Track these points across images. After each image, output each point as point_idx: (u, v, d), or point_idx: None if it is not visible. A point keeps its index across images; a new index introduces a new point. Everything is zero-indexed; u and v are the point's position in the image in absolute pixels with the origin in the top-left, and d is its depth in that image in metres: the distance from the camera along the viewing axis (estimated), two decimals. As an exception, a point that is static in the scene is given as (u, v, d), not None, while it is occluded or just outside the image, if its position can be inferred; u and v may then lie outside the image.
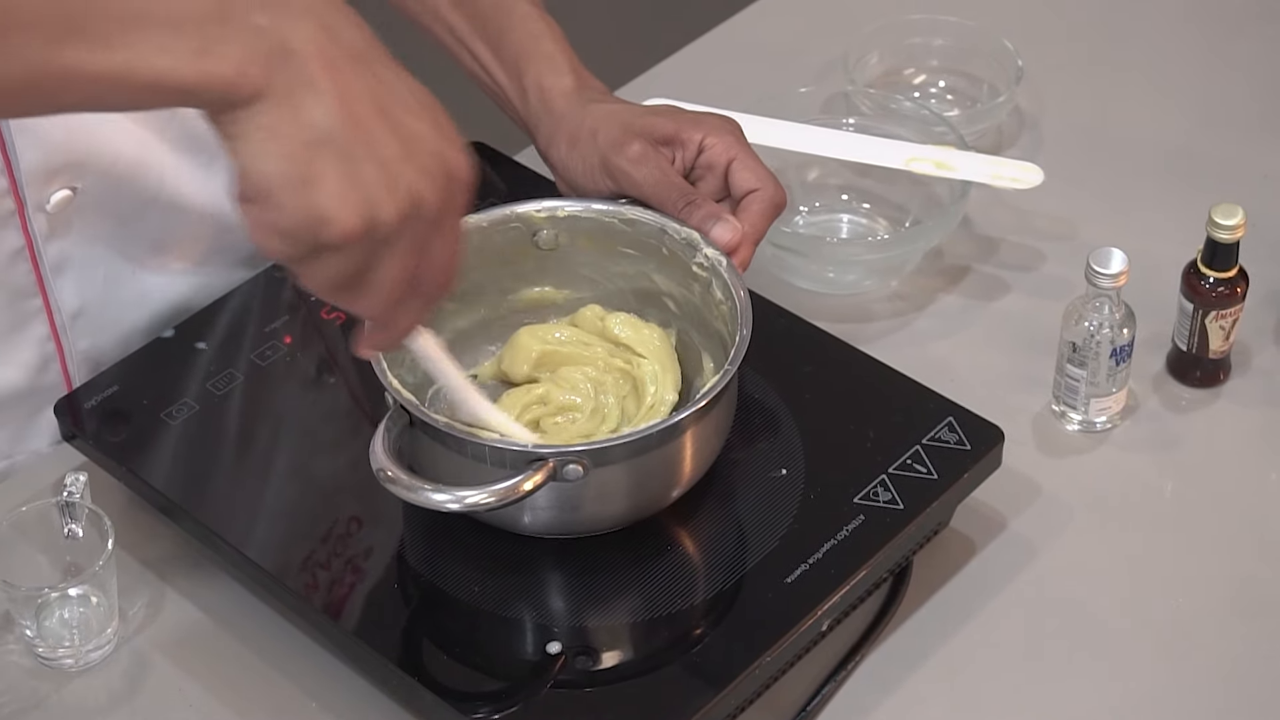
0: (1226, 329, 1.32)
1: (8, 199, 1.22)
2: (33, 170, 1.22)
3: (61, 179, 1.24)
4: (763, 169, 1.22)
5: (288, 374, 1.27)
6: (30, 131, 1.20)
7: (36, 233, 1.25)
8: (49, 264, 1.27)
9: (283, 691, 1.16)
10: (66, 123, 1.21)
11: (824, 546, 1.14)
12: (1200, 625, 1.20)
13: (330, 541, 1.16)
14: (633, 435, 1.09)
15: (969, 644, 1.19)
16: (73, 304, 1.30)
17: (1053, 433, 1.32)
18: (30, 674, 1.17)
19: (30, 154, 1.21)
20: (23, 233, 1.24)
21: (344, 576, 1.15)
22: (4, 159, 1.21)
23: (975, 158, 1.41)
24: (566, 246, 1.23)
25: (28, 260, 1.26)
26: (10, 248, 1.25)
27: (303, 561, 1.15)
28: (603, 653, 1.11)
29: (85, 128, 1.23)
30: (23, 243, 1.25)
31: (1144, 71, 1.64)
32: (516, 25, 1.30)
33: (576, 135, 1.25)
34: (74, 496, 1.18)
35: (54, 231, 1.26)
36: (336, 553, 1.16)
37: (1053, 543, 1.25)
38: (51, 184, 1.24)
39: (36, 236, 1.25)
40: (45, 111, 0.93)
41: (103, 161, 1.25)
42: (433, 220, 0.93)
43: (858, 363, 1.26)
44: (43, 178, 1.23)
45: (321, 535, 1.17)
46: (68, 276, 1.28)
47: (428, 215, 0.92)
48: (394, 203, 0.91)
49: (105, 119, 1.24)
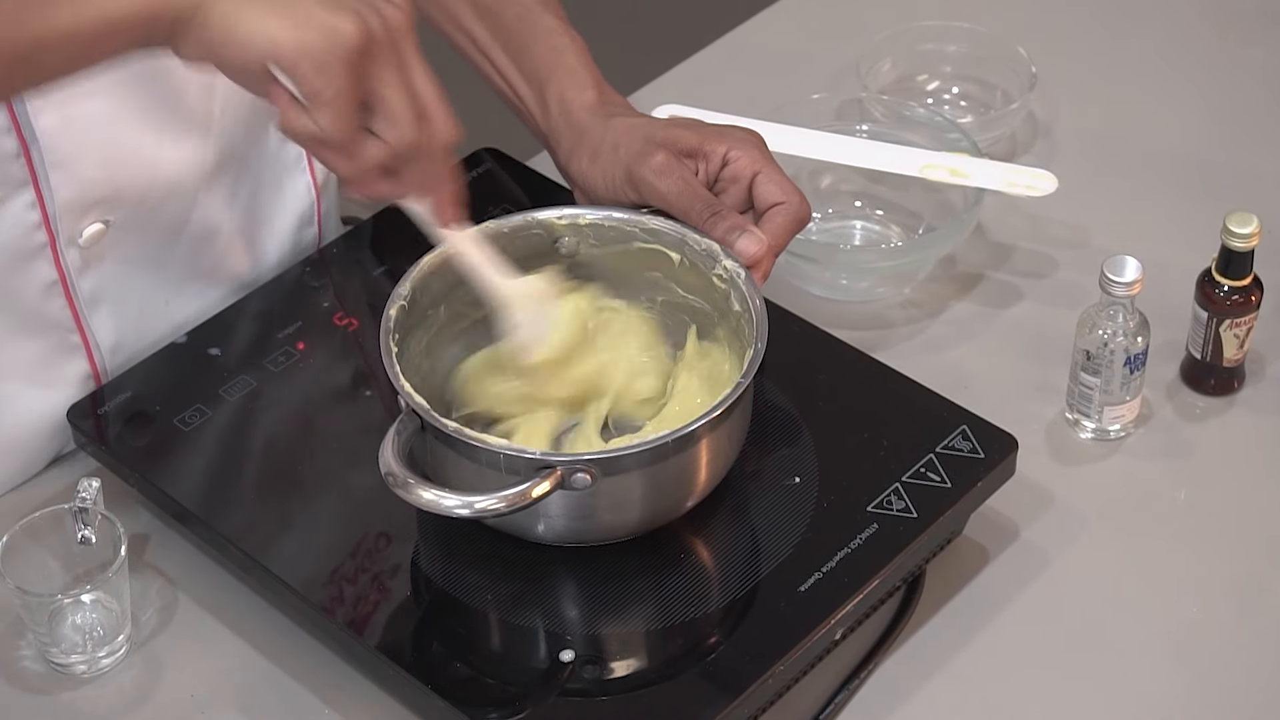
0: (1241, 337, 1.32)
1: (39, 232, 1.22)
2: (67, 204, 1.22)
3: (95, 213, 1.24)
4: (788, 183, 1.22)
5: (301, 380, 1.27)
6: (65, 166, 1.20)
7: (69, 266, 1.25)
8: (83, 298, 1.27)
9: (295, 698, 1.16)
10: (102, 157, 1.22)
11: (837, 555, 1.14)
12: (1213, 633, 1.20)
13: (344, 548, 1.16)
14: (645, 444, 1.09)
15: (982, 652, 1.19)
16: (110, 338, 1.30)
17: (1066, 441, 1.32)
18: (43, 679, 1.18)
19: (65, 190, 1.21)
20: (55, 266, 1.24)
21: (357, 583, 1.15)
22: (36, 193, 1.21)
23: (989, 165, 1.41)
24: (587, 254, 1.23)
25: (62, 295, 1.26)
26: (43, 281, 1.24)
27: (315, 568, 1.15)
28: (616, 661, 1.11)
29: (120, 160, 1.23)
30: (55, 277, 1.25)
31: (1158, 78, 1.63)
32: (540, 38, 1.30)
33: (598, 149, 1.25)
34: (86, 502, 1.18)
35: (87, 265, 1.26)
36: (350, 559, 1.16)
37: (1066, 551, 1.24)
38: (85, 218, 1.23)
39: (69, 270, 1.25)
40: (40, 81, 1.05)
41: (135, 194, 1.25)
42: (405, 34, 1.04)
43: (871, 370, 1.26)
44: (77, 212, 1.23)
45: (335, 541, 1.17)
46: (103, 310, 1.28)
47: (398, 27, 1.04)
48: (371, 13, 1.02)
49: (139, 151, 1.24)
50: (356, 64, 1.01)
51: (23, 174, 1.19)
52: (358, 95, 1.03)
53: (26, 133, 1.18)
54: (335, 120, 1.02)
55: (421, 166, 1.08)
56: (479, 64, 1.33)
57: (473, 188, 1.39)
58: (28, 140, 1.18)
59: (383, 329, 1.14)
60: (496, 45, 1.32)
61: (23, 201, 1.20)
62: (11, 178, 1.19)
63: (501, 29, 1.31)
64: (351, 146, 1.04)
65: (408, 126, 1.05)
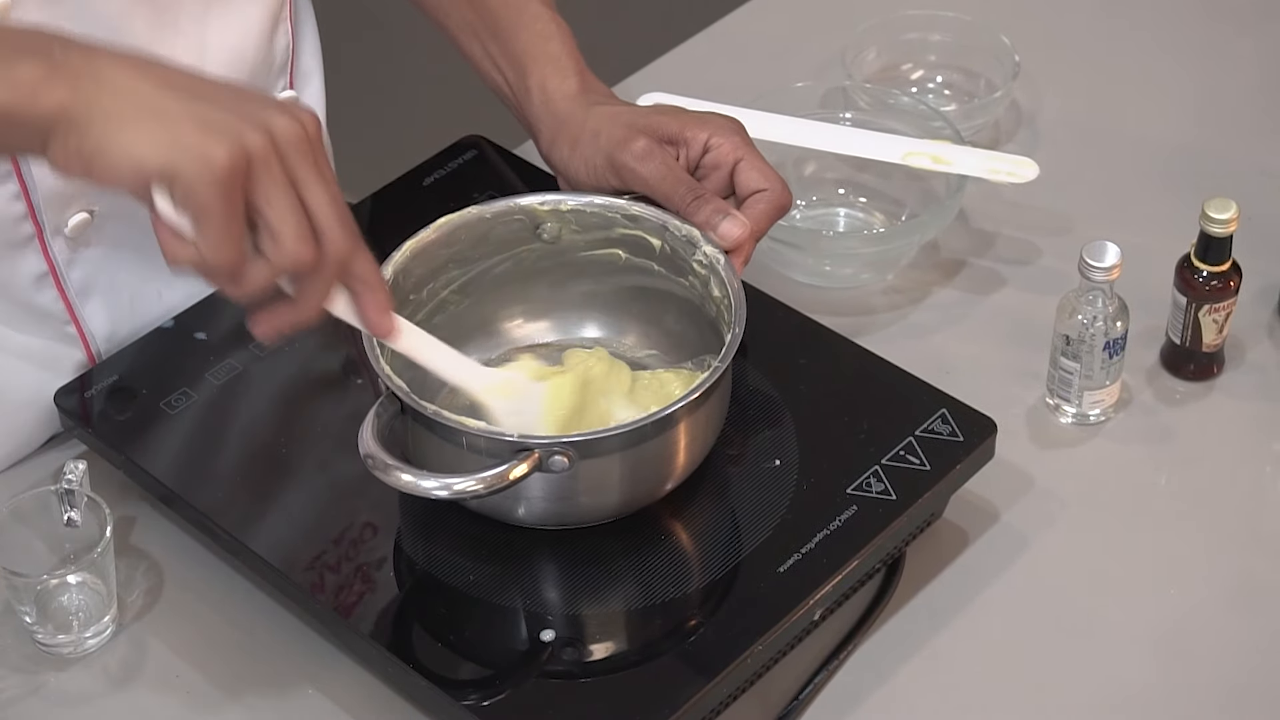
0: (1220, 322, 1.33)
1: (26, 223, 1.23)
2: (50, 194, 1.22)
3: (79, 203, 1.24)
4: (770, 170, 1.22)
5: (286, 365, 1.27)
6: None
7: (57, 257, 1.25)
8: (74, 289, 1.27)
9: (280, 678, 1.17)
10: None
11: (817, 536, 1.14)
12: (1193, 617, 1.21)
13: (328, 530, 1.17)
14: (623, 428, 1.10)
15: (961, 634, 1.20)
16: (104, 328, 1.30)
17: (1046, 425, 1.33)
18: (29, 660, 1.18)
19: (48, 179, 1.21)
20: (45, 258, 1.25)
21: (340, 564, 1.15)
22: (20, 183, 1.21)
23: (971, 152, 1.42)
24: (568, 240, 1.24)
25: (54, 286, 1.26)
26: (34, 272, 1.25)
27: (299, 549, 1.16)
28: (596, 642, 1.12)
29: None
30: (45, 268, 1.25)
31: (1140, 67, 1.64)
32: (526, 25, 1.30)
33: (578, 137, 1.25)
34: (73, 484, 1.19)
35: (75, 255, 1.26)
36: (333, 541, 1.16)
37: (1045, 535, 1.25)
38: (70, 207, 1.24)
39: (58, 260, 1.25)
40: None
41: None
42: (296, 147, 0.98)
43: (852, 355, 1.27)
44: (60, 201, 1.23)
45: (320, 524, 1.18)
46: (95, 301, 1.29)
47: (288, 140, 0.98)
48: (252, 130, 0.97)
49: None
50: (229, 187, 0.96)
51: (5, 165, 1.20)
52: (236, 218, 0.97)
53: None
54: (213, 245, 0.97)
55: (317, 285, 1.02)
56: (466, 48, 1.34)
57: (459, 174, 1.41)
58: None
59: None
60: (484, 30, 1.32)
61: (7, 193, 1.21)
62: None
63: (488, 14, 1.32)
64: (236, 271, 0.99)
65: (292, 245, 0.98)
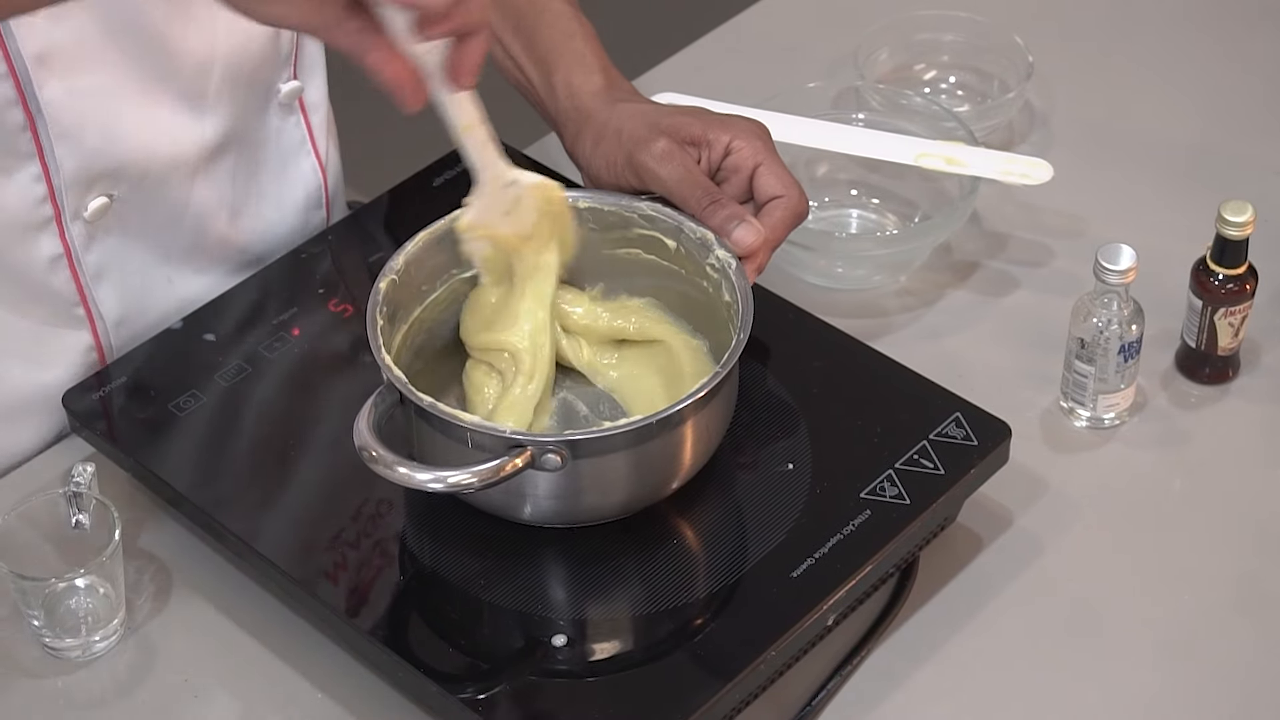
0: (1235, 326, 1.32)
1: (46, 206, 1.23)
2: (72, 177, 1.23)
3: (100, 187, 1.25)
4: (789, 176, 1.22)
5: (296, 366, 1.27)
6: (69, 138, 1.21)
7: (74, 240, 1.25)
8: (88, 272, 1.27)
9: (288, 682, 1.16)
10: (104, 130, 1.23)
11: (830, 541, 1.14)
12: (1206, 622, 1.20)
13: (334, 532, 1.17)
14: (619, 428, 1.10)
15: (975, 640, 1.19)
16: (115, 312, 1.30)
17: (1060, 429, 1.32)
18: (38, 664, 1.18)
19: (69, 161, 1.22)
20: (61, 240, 1.25)
21: (348, 565, 1.15)
22: (42, 166, 1.21)
23: (985, 153, 1.41)
24: (585, 238, 1.23)
25: (67, 268, 1.26)
26: (49, 254, 1.25)
27: (307, 551, 1.16)
28: (606, 643, 1.12)
29: (121, 134, 1.24)
30: (61, 250, 1.25)
31: (1155, 68, 1.63)
32: (550, 22, 1.31)
33: (602, 133, 1.25)
34: (81, 487, 1.19)
35: (92, 239, 1.26)
36: (340, 543, 1.16)
37: (1059, 539, 1.25)
38: (90, 191, 1.24)
39: (74, 244, 1.26)
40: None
41: (136, 169, 1.26)
42: None
43: (865, 358, 1.26)
44: (82, 185, 1.23)
45: (326, 525, 1.17)
46: (108, 284, 1.29)
47: None
48: None
49: (139, 125, 1.25)
50: None
51: (29, 147, 1.21)
52: None
53: (32, 105, 1.19)
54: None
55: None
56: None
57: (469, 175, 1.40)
58: (34, 113, 1.19)
59: (371, 301, 1.15)
60: (507, 28, 1.32)
61: (29, 174, 1.22)
62: (18, 150, 1.20)
63: (512, 12, 1.32)
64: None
65: None
